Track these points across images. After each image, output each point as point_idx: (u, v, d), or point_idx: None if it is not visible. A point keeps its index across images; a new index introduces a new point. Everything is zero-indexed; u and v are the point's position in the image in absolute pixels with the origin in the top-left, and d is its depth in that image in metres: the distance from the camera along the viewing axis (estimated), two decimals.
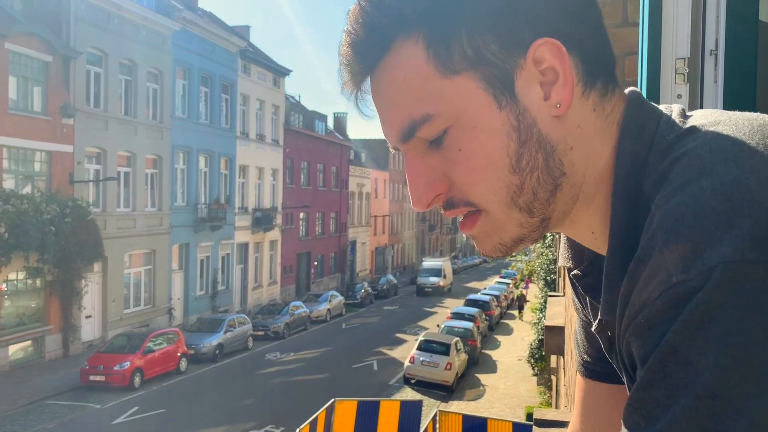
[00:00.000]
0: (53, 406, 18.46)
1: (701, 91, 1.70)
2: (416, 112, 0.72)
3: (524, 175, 0.73)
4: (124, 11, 25.98)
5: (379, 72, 0.75)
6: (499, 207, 0.74)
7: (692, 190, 0.61)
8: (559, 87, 0.72)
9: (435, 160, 0.75)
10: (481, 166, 0.73)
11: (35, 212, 20.88)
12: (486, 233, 0.77)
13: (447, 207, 0.77)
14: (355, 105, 0.80)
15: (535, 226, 0.76)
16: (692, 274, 0.57)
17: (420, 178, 0.76)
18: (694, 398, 0.55)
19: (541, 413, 3.87)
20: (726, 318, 0.55)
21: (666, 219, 0.61)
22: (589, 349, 1.07)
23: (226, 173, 34.11)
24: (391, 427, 13.25)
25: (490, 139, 0.72)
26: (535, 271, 22.68)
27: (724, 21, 1.64)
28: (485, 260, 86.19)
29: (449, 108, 0.72)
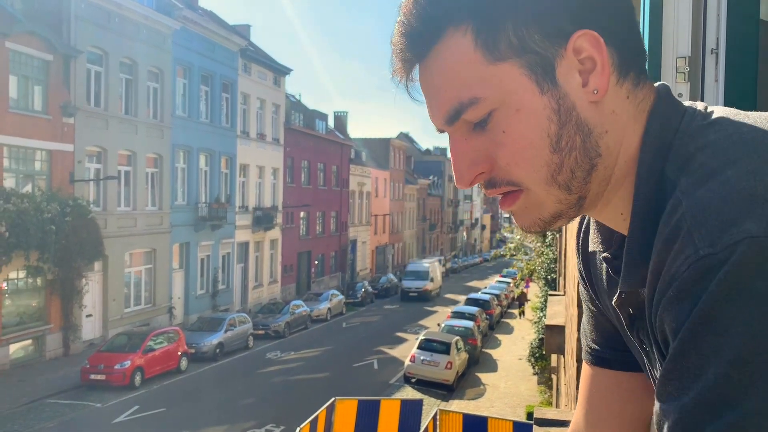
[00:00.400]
0: (54, 405, 18.47)
1: (702, 90, 1.70)
2: (464, 96, 0.77)
3: (563, 154, 0.78)
4: (125, 10, 25.98)
5: (430, 60, 0.80)
6: (539, 185, 0.79)
7: (719, 179, 0.67)
8: (597, 75, 0.78)
9: (479, 141, 0.80)
10: (524, 146, 0.78)
11: (36, 211, 20.89)
12: (526, 209, 0.82)
13: (489, 186, 0.82)
14: (405, 90, 0.85)
15: (573, 203, 0.81)
16: (718, 248, 0.62)
17: (464, 157, 0.81)
18: (725, 364, 0.59)
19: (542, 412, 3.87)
20: (752, 288, 0.59)
21: (695, 205, 0.67)
22: (597, 336, 1.10)
23: (227, 172, 34.11)
24: (391, 427, 13.25)
25: (532, 121, 0.77)
26: (536, 270, 22.68)
27: (725, 20, 1.64)
28: (486, 259, 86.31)
29: (495, 92, 0.77)
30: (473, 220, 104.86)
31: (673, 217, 0.70)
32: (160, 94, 28.61)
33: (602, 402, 1.12)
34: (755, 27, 1.63)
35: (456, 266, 72.11)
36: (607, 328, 1.07)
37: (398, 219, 64.38)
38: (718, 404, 0.59)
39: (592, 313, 1.10)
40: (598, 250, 0.97)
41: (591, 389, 1.14)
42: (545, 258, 20.33)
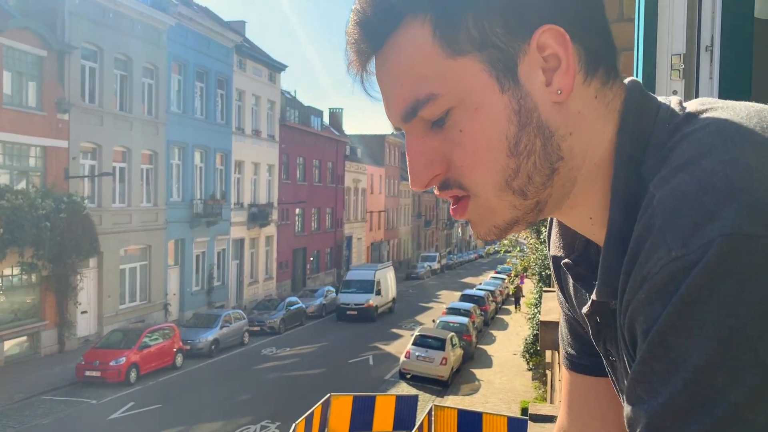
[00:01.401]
0: (49, 401, 18.43)
1: (697, 87, 1.71)
2: (420, 92, 0.73)
3: (521, 159, 0.74)
4: (120, 6, 25.89)
5: (386, 52, 0.75)
6: (492, 191, 0.75)
7: (692, 169, 0.63)
8: (561, 73, 0.73)
9: (436, 141, 0.76)
10: (481, 148, 0.74)
11: (30, 208, 20.83)
12: (479, 217, 0.79)
13: (442, 187, 0.78)
14: (360, 85, 0.80)
15: (530, 208, 0.77)
16: (691, 248, 0.58)
17: (420, 157, 0.77)
18: (694, 370, 0.57)
19: (536, 408, 3.88)
20: (724, 290, 0.56)
21: (666, 198, 0.63)
22: (573, 342, 1.07)
23: (222, 169, 34.06)
24: (386, 422, 13.27)
25: (490, 122, 0.73)
26: (530, 266, 22.71)
27: (720, 17, 1.65)
28: (481, 255, 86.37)
29: (453, 88, 0.73)
30: None
31: (645, 213, 0.66)
32: (155, 90, 28.53)
33: (583, 406, 1.10)
34: (750, 24, 1.64)
35: (451, 263, 72.13)
36: (581, 333, 1.03)
37: (393, 215, 64.38)
38: (686, 410, 0.57)
39: (566, 316, 1.07)
40: (561, 255, 0.93)
41: (572, 393, 1.12)
42: (539, 254, 20.36)
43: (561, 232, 0.93)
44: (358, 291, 34.88)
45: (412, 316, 36.09)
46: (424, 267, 60.52)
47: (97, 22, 24.98)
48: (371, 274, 36.04)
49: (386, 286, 37.20)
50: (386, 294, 37.08)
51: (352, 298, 34.41)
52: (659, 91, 1.76)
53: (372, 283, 35.28)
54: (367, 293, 34.72)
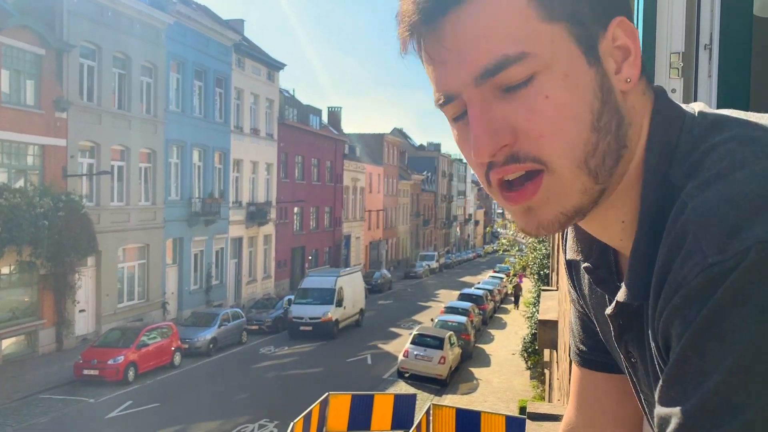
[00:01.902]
0: (47, 400, 18.42)
1: (695, 86, 1.71)
2: (511, 49, 0.70)
3: (600, 135, 0.73)
4: (118, 4, 25.85)
5: (469, 4, 0.71)
6: (570, 165, 0.72)
7: (726, 181, 0.64)
8: (630, 64, 0.75)
9: (503, 109, 0.72)
10: (566, 117, 0.72)
11: (28, 206, 20.80)
12: (547, 200, 0.74)
13: (510, 160, 0.73)
14: (418, 39, 0.76)
15: (595, 196, 0.75)
16: (728, 254, 0.59)
17: (487, 125, 0.72)
18: (727, 373, 0.57)
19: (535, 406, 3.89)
20: (760, 295, 0.57)
21: (701, 208, 0.64)
22: (585, 338, 1.08)
23: (220, 167, 34.04)
24: (385, 421, 13.27)
25: (579, 91, 0.72)
26: (529, 265, 22.71)
27: (719, 15, 1.64)
28: (479, 254, 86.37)
29: (545, 51, 0.71)
30: (467, 216, 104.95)
31: (677, 221, 0.67)
32: (153, 89, 28.50)
33: (594, 401, 1.11)
34: (749, 22, 1.63)
35: (449, 262, 72.18)
36: (594, 330, 1.04)
37: (392, 214, 64.37)
38: (719, 411, 0.58)
39: (579, 313, 1.09)
40: (579, 260, 0.93)
41: (582, 389, 1.13)
42: (538, 253, 20.37)
43: (578, 237, 0.93)
44: (314, 302, 29.25)
45: (411, 315, 36.10)
46: (423, 266, 60.54)
47: (96, 20, 24.95)
48: (331, 281, 30.32)
49: (351, 296, 31.41)
50: (351, 305, 31.34)
51: (307, 310, 28.88)
52: None
53: (332, 292, 29.76)
54: (325, 304, 29.18)
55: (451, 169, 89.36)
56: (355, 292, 32.24)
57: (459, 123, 0.78)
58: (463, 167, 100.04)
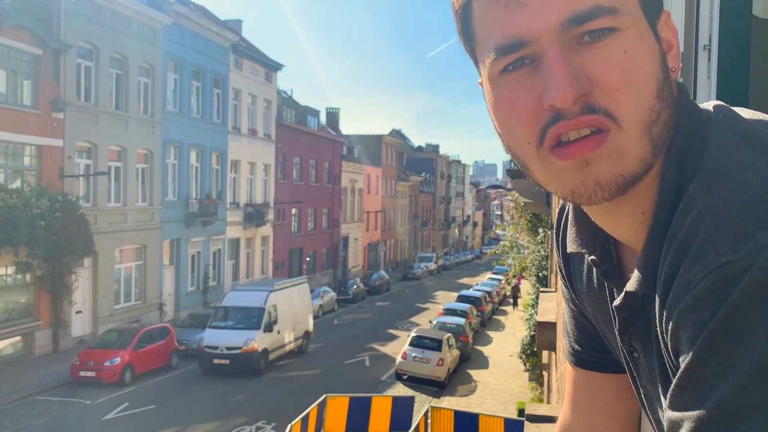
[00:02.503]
0: (43, 401, 18.39)
1: (694, 86, 1.69)
2: (604, 1, 0.71)
3: (662, 105, 0.74)
4: (116, 4, 25.84)
5: None
6: (638, 126, 0.72)
7: (737, 180, 0.65)
8: (673, 56, 0.78)
9: (582, 58, 0.72)
10: (640, 75, 0.72)
11: (25, 207, 20.77)
12: (610, 156, 0.73)
13: (587, 111, 0.71)
14: None
15: (647, 166, 0.74)
16: (742, 254, 0.59)
17: (569, 70, 0.71)
18: (745, 375, 0.57)
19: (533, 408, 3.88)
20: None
21: (712, 205, 0.65)
22: (579, 338, 1.09)
23: (218, 168, 34.03)
24: (383, 423, 13.26)
25: (650, 57, 0.74)
26: (527, 267, 22.74)
27: (718, 16, 1.63)
28: (477, 256, 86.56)
29: (630, 12, 0.73)
30: (465, 217, 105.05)
31: (686, 217, 0.67)
32: (150, 89, 28.49)
33: (589, 401, 1.11)
34: (748, 23, 1.62)
35: (448, 263, 72.30)
36: (588, 329, 1.04)
37: (390, 216, 64.43)
38: (736, 415, 0.57)
39: (572, 312, 1.08)
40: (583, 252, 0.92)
41: (577, 389, 1.13)
42: (536, 255, 20.38)
43: (579, 230, 0.92)
44: (235, 325, 22.79)
45: (409, 316, 36.12)
46: (421, 267, 60.64)
47: (93, 20, 24.93)
48: (260, 298, 23.54)
49: (291, 316, 24.87)
50: (290, 328, 24.90)
51: (224, 337, 22.14)
52: None
53: (259, 313, 23.02)
54: (249, 329, 22.48)
55: (449, 171, 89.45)
56: (298, 312, 25.61)
57: (511, 75, 0.75)
58: (461, 169, 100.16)
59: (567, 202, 0.91)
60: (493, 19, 0.74)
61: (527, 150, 0.76)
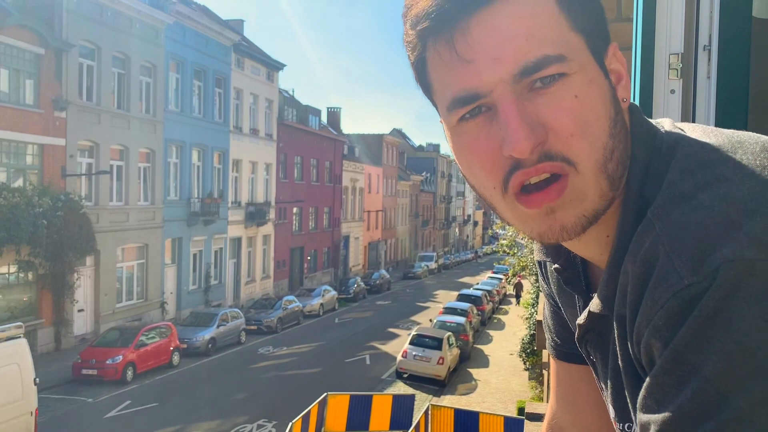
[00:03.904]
0: (45, 399, 18.35)
1: (694, 87, 1.71)
2: (550, 50, 0.73)
3: (615, 142, 0.77)
4: (118, 4, 25.85)
5: (503, 6, 0.73)
6: (594, 167, 0.75)
7: (693, 203, 0.69)
8: (623, 87, 0.81)
9: (534, 107, 0.74)
10: (592, 118, 0.75)
11: (27, 206, 20.79)
12: (571, 201, 0.76)
13: (545, 158, 0.74)
14: (450, 36, 0.75)
15: (608, 201, 0.78)
16: (701, 276, 0.64)
17: (525, 121, 0.73)
18: (702, 380, 0.62)
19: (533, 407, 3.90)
20: (731, 309, 0.62)
21: (670, 229, 0.69)
22: (559, 331, 1.12)
23: (220, 167, 34.03)
24: (383, 421, 13.28)
25: (601, 97, 0.76)
26: (527, 266, 22.73)
27: (718, 17, 1.65)
28: (478, 255, 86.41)
29: (577, 57, 0.75)
30: (465, 217, 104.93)
31: (645, 238, 0.71)
32: (152, 88, 28.49)
33: (575, 393, 1.14)
34: (748, 24, 1.64)
35: (448, 262, 72.22)
36: (566, 323, 1.07)
37: (391, 215, 64.37)
38: (695, 416, 0.62)
39: (552, 306, 1.12)
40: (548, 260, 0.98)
41: (560, 381, 1.16)
42: None
43: None
44: None
45: (409, 315, 36.12)
46: (422, 267, 60.57)
47: (95, 20, 24.94)
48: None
49: None
50: None
51: None
52: (657, 91, 1.76)
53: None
54: None
55: (450, 170, 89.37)
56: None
57: (469, 123, 0.77)
58: None
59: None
60: (447, 73, 0.77)
61: (493, 193, 0.79)
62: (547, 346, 1.16)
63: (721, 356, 0.62)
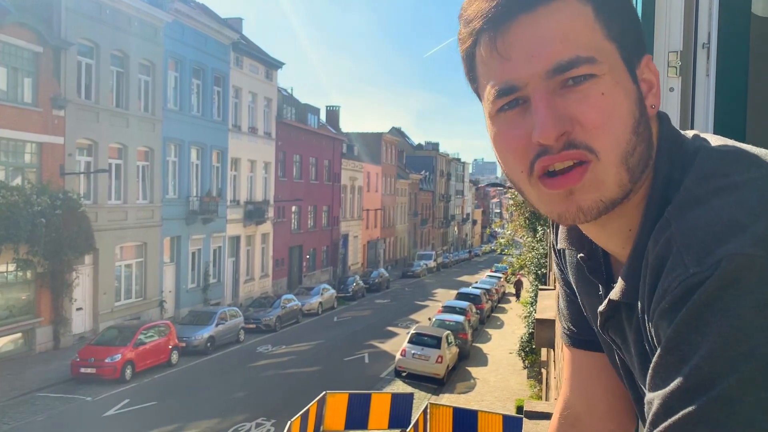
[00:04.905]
0: (44, 398, 18.41)
1: (693, 84, 1.71)
2: (583, 53, 0.83)
3: (639, 139, 0.86)
4: (116, 2, 25.82)
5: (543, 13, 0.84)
6: (615, 158, 0.84)
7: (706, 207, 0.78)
8: (654, 94, 0.91)
9: (565, 101, 0.84)
10: (616, 115, 0.84)
11: (26, 204, 20.78)
12: (591, 186, 0.85)
13: (568, 146, 0.84)
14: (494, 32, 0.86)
15: (626, 192, 0.87)
16: (704, 266, 0.72)
17: (553, 112, 0.83)
18: (699, 359, 0.69)
19: (532, 405, 3.90)
20: (727, 296, 0.70)
21: (684, 228, 0.78)
22: (576, 319, 1.17)
23: (218, 166, 34.01)
24: (382, 420, 13.30)
25: (626, 97, 0.86)
26: (526, 265, 22.75)
27: (717, 14, 1.65)
28: (476, 254, 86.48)
29: (607, 60, 0.85)
30: (464, 215, 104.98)
31: (661, 236, 0.81)
32: (151, 87, 28.48)
33: (589, 380, 1.18)
34: (747, 22, 1.64)
35: (447, 261, 72.27)
36: (582, 311, 1.12)
37: (390, 213, 64.38)
38: (690, 391, 0.69)
39: (566, 294, 1.17)
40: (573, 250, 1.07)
41: (576, 369, 1.20)
42: (536, 253, 20.41)
43: (569, 229, 1.06)
44: None
45: (408, 314, 36.14)
46: (421, 265, 60.63)
47: (94, 18, 24.92)
48: None
49: None
50: None
51: None
52: None
53: None
54: None
55: (449, 169, 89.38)
56: None
57: (507, 113, 0.87)
58: (461, 167, 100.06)
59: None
60: (491, 67, 0.87)
61: (520, 177, 0.89)
62: (561, 336, 1.21)
63: (717, 338, 0.68)
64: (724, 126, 1.63)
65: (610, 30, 0.85)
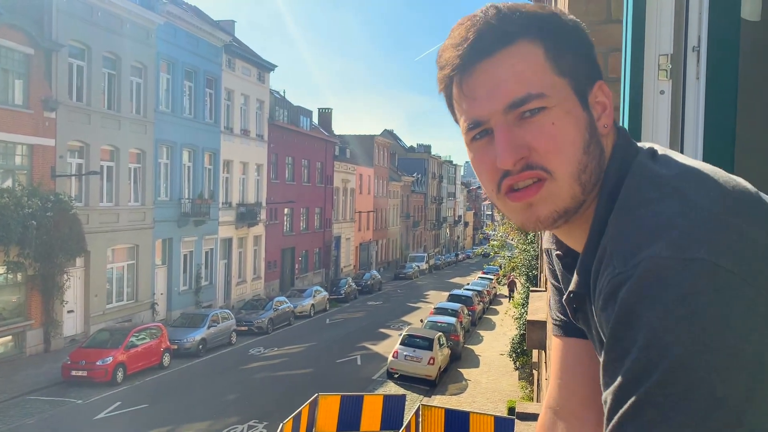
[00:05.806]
0: (34, 401, 18.31)
1: (684, 88, 1.73)
2: (534, 89, 0.97)
3: (589, 158, 1.00)
4: (108, 4, 25.74)
5: (500, 57, 0.98)
6: (567, 175, 0.98)
7: (634, 214, 0.90)
8: (606, 116, 1.04)
9: (521, 131, 0.97)
10: (567, 140, 0.98)
11: (16, 206, 20.68)
12: (546, 199, 0.99)
13: (526, 168, 0.98)
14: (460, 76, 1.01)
15: (579, 203, 1.01)
16: (628, 267, 0.84)
17: (512, 141, 0.97)
18: (637, 350, 0.80)
19: (523, 407, 3.91)
20: (652, 293, 0.81)
21: (614, 234, 0.91)
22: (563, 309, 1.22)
23: (210, 168, 33.94)
24: (374, 421, 13.30)
25: (576, 124, 0.99)
26: (518, 266, 22.77)
27: (707, 18, 1.66)
28: (468, 256, 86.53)
29: (556, 94, 0.98)
30: (456, 218, 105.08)
31: (603, 239, 0.94)
32: (143, 89, 28.40)
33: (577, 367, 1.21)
34: (737, 25, 1.65)
35: (439, 263, 72.31)
36: None
37: (382, 216, 64.38)
38: (631, 381, 0.79)
39: (555, 288, 1.27)
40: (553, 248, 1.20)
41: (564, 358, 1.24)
42: (527, 255, 20.44)
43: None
44: None
45: (400, 316, 36.14)
46: (413, 267, 60.60)
47: (86, 20, 24.84)
48: None
49: None
50: None
51: None
52: (647, 92, 1.77)
53: None
54: None
55: (440, 171, 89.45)
56: None
57: (478, 142, 1.03)
58: (453, 169, 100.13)
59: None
60: (461, 105, 1.03)
61: (492, 193, 1.04)
62: (552, 329, 1.29)
63: (648, 330, 0.79)
64: (715, 129, 1.64)
65: (560, 66, 0.99)
